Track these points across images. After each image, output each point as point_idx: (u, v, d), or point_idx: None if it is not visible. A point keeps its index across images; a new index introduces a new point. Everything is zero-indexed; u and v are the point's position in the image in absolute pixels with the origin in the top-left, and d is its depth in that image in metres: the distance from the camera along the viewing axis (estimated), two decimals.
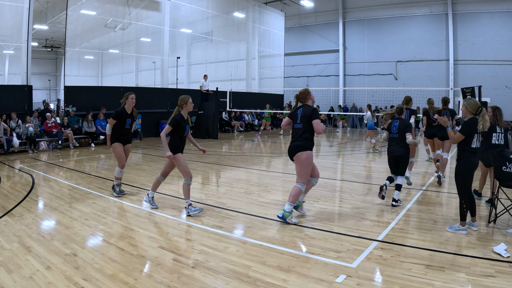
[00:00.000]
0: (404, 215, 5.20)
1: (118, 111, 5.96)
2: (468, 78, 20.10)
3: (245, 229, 4.70)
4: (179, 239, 4.31)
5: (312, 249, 3.99)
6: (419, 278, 3.28)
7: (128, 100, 6.07)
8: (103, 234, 4.41)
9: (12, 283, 3.15)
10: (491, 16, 20.07)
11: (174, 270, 3.46)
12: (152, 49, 19.58)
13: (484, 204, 5.63)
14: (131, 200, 5.98)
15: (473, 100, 4.45)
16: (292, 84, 26.96)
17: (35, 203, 5.79)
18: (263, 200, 6.00)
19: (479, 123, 4.29)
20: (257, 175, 8.48)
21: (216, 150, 12.51)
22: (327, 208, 5.56)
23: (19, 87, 12.58)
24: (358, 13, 24.74)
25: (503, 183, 4.74)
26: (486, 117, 4.33)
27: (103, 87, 19.37)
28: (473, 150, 4.41)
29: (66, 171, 8.56)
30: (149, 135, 16.49)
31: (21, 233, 4.35)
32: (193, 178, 5.71)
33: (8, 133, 11.02)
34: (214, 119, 16.15)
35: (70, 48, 14.51)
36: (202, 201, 5.96)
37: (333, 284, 3.21)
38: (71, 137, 12.59)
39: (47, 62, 33.33)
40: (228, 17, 21.92)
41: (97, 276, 3.30)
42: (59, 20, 21.03)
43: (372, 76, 24.19)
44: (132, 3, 16.83)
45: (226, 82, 21.48)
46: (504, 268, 3.48)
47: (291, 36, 26.78)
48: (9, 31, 12.83)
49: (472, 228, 4.54)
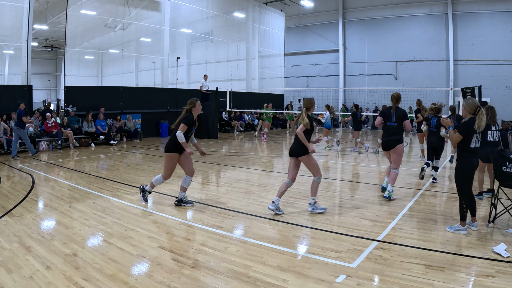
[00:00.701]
0: (404, 215, 5.20)
1: (189, 118, 5.45)
2: (468, 78, 20.10)
3: (245, 229, 4.70)
4: (179, 239, 4.31)
5: (312, 249, 3.99)
6: (419, 278, 3.28)
7: (196, 107, 5.67)
8: (103, 234, 4.41)
9: (12, 283, 3.15)
10: (491, 16, 20.07)
11: (174, 270, 3.46)
12: (152, 49, 19.58)
13: (484, 204, 5.63)
14: (131, 200, 5.98)
15: (472, 100, 4.45)
16: (292, 84, 26.97)
17: (35, 203, 5.79)
18: (263, 200, 5.99)
19: (475, 122, 4.30)
20: (257, 175, 8.48)
21: (216, 150, 12.51)
22: (327, 208, 5.56)
23: (19, 87, 12.58)
24: (358, 13, 24.74)
25: (503, 183, 4.75)
26: (483, 117, 4.34)
27: (103, 87, 19.36)
28: (473, 150, 4.41)
29: (66, 171, 8.56)
30: (149, 135, 16.50)
31: (21, 233, 4.35)
32: (193, 178, 5.72)
33: (8, 133, 11.01)
34: (214, 119, 16.16)
35: (70, 48, 14.51)
36: (202, 201, 5.96)
37: (333, 284, 3.21)
38: (71, 137, 12.59)
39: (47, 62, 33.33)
40: (228, 17, 21.92)
41: (97, 276, 3.30)
42: (59, 20, 21.03)
43: (372, 76, 24.18)
44: (132, 3, 16.83)
45: (226, 82, 21.48)
46: (504, 268, 3.48)
47: (291, 36, 26.78)
48: (9, 31, 12.83)
49: (472, 228, 4.54)
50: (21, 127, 10.39)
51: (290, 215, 5.20)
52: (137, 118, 15.96)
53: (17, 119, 10.34)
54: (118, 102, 15.45)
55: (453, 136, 4.48)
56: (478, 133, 4.41)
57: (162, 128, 16.85)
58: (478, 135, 4.43)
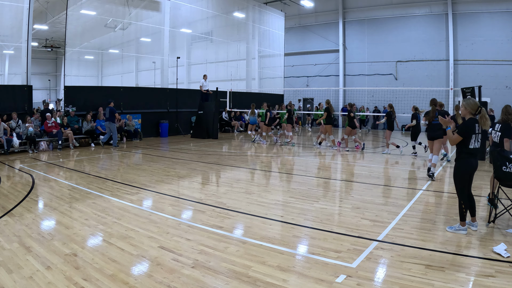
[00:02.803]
0: (404, 215, 5.20)
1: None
2: (468, 78, 20.09)
3: (245, 229, 4.70)
4: (179, 239, 4.31)
5: (312, 249, 3.99)
6: (419, 278, 3.28)
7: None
8: (103, 234, 4.41)
9: (12, 283, 3.15)
10: (491, 16, 20.06)
11: (174, 270, 3.46)
12: (152, 49, 19.59)
13: (484, 204, 5.63)
14: (131, 200, 5.98)
15: (472, 100, 4.44)
16: (292, 84, 26.97)
17: (35, 203, 5.79)
18: (263, 200, 5.99)
19: (480, 122, 4.31)
20: (257, 175, 8.48)
21: (216, 150, 12.51)
22: (327, 208, 5.56)
23: (19, 87, 12.58)
24: (358, 13, 24.74)
25: (503, 183, 4.74)
26: (487, 116, 4.33)
27: (103, 87, 19.37)
28: (471, 151, 4.40)
29: (66, 171, 8.56)
30: (149, 135, 16.50)
31: (21, 233, 4.35)
32: (193, 178, 5.72)
33: (8, 133, 11.02)
34: (214, 119, 16.15)
35: (70, 48, 14.51)
36: (202, 201, 5.96)
37: (333, 284, 3.21)
38: (71, 137, 12.59)
39: (47, 62, 33.35)
40: (228, 17, 21.92)
41: (97, 276, 3.30)
42: (59, 20, 21.04)
43: (372, 76, 24.18)
44: (132, 3, 16.83)
45: (226, 82, 21.49)
46: (504, 268, 3.48)
47: (291, 36, 26.78)
48: (9, 31, 12.82)
49: (472, 228, 4.54)
50: (112, 121, 12.65)
51: (290, 215, 5.20)
52: (137, 118, 15.97)
53: (109, 115, 12.49)
54: (118, 102, 15.45)
55: (451, 136, 4.47)
56: (477, 134, 4.40)
57: (162, 128, 16.85)
58: (477, 136, 4.42)
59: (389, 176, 8.49)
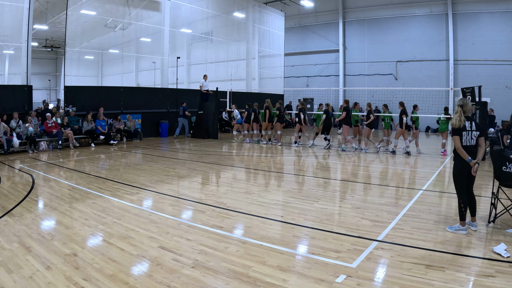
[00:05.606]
0: (404, 215, 5.20)
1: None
2: (468, 78, 20.08)
3: (245, 229, 4.70)
4: (179, 239, 4.31)
5: (312, 249, 3.99)
6: (419, 278, 3.28)
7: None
8: (103, 234, 4.41)
9: (12, 283, 3.15)
10: (491, 16, 20.06)
11: (174, 270, 3.46)
12: (152, 49, 19.58)
13: (484, 204, 5.62)
14: (131, 200, 5.98)
15: (460, 100, 4.58)
16: (292, 84, 26.96)
17: (35, 203, 5.79)
18: (263, 200, 6.00)
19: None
20: (257, 175, 8.48)
21: (216, 150, 12.51)
22: (327, 208, 5.56)
23: (19, 87, 12.58)
24: (358, 13, 24.73)
25: (503, 183, 4.74)
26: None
27: (103, 87, 19.36)
28: (464, 148, 4.41)
29: (66, 171, 8.55)
30: (149, 135, 16.49)
31: (21, 233, 4.35)
32: (193, 178, 5.72)
33: (8, 133, 11.02)
34: (214, 119, 16.15)
35: (70, 48, 14.50)
36: (202, 201, 5.96)
37: (333, 284, 3.21)
38: (71, 137, 12.58)
39: (47, 62, 33.36)
40: (228, 17, 21.91)
41: (97, 276, 3.30)
42: (59, 20, 21.04)
43: (372, 76, 24.18)
44: (132, 3, 16.83)
45: (226, 82, 21.47)
46: (504, 268, 3.48)
47: (291, 36, 26.77)
48: (9, 31, 12.81)
49: (472, 228, 4.54)
50: (185, 117, 16.25)
51: (290, 215, 5.20)
52: (137, 118, 15.96)
53: (182, 112, 16.15)
54: (118, 102, 15.45)
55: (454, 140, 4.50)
56: (470, 131, 4.42)
57: (162, 128, 16.85)
58: (469, 133, 4.43)
59: (389, 176, 8.49)
